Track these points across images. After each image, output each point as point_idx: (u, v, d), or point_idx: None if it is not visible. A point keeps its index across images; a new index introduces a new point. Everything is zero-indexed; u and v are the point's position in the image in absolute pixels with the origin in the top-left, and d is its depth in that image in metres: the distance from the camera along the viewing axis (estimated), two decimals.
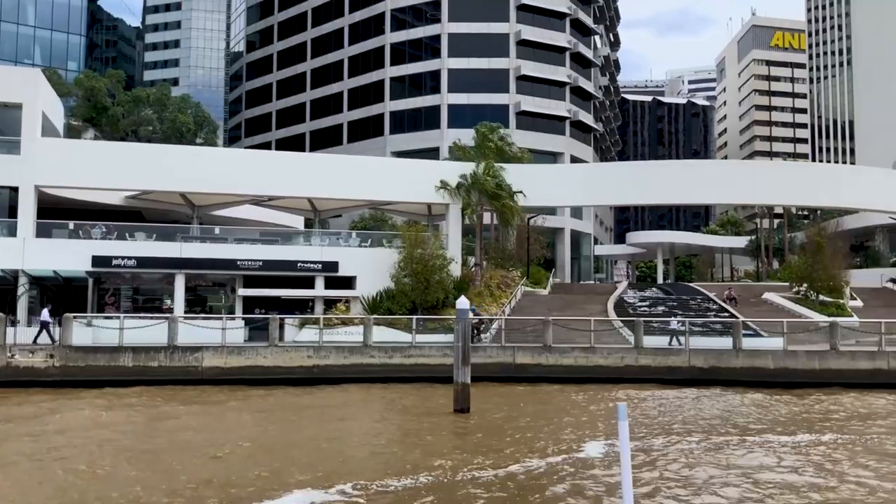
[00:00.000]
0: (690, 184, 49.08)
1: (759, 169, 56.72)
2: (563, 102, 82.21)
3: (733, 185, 49.50)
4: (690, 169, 54.51)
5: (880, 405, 28.23)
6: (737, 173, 52.69)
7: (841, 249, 49.01)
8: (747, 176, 51.49)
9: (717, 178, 51.05)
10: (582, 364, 36.09)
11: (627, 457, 7.10)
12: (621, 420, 7.10)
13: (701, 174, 52.00)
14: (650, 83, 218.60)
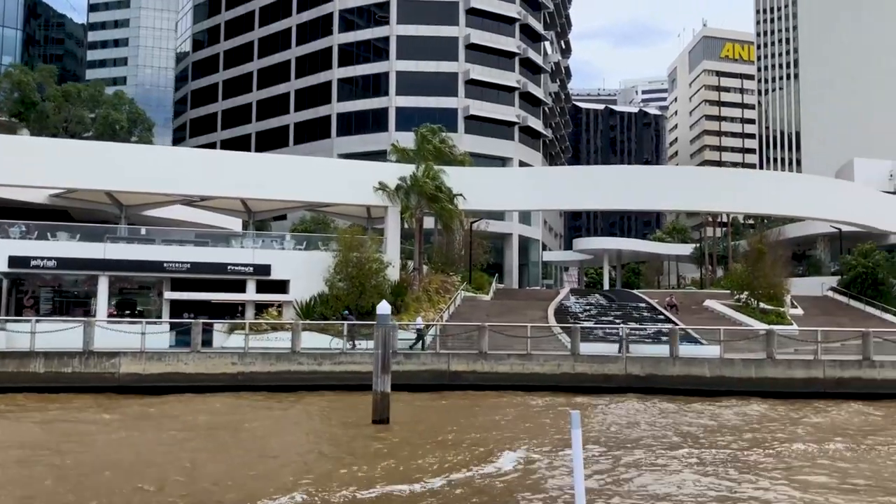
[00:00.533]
0: (636, 189, 48.48)
1: (705, 175, 56.61)
2: (513, 108, 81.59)
3: (680, 192, 49.17)
4: (636, 174, 54.20)
5: (754, 415, 27.74)
6: (683, 179, 52.54)
7: (781, 257, 48.91)
8: (694, 182, 51.32)
9: (664, 184, 50.71)
10: (518, 371, 35.15)
11: (580, 465, 7.07)
12: (574, 428, 7.07)
13: (647, 180, 51.47)
14: (602, 92, 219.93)
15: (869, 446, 21.52)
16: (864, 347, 33.72)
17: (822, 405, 29.93)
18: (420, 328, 37.33)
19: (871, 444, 21.97)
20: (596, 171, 61.35)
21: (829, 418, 27.22)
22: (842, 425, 25.52)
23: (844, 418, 27.06)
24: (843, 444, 21.59)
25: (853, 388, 32.97)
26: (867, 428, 24.94)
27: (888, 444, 21.80)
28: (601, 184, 49.49)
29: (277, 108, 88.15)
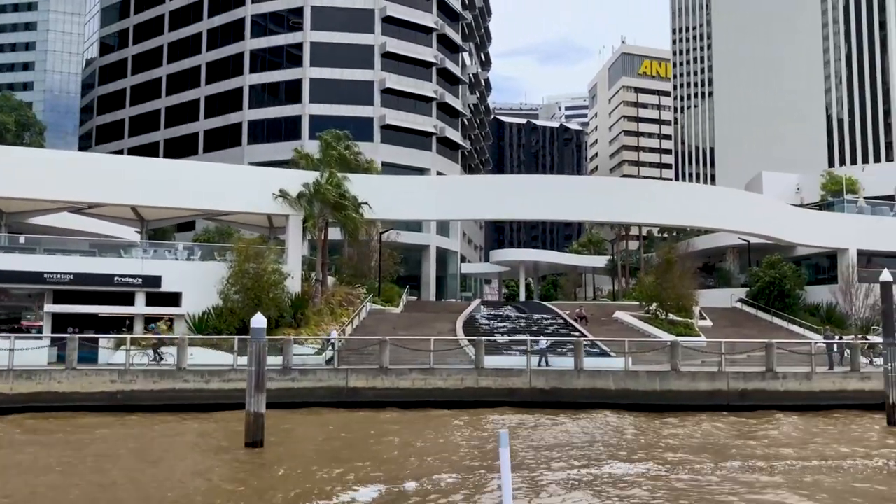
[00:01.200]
0: (548, 199, 47.57)
1: (617, 186, 56.11)
2: (430, 118, 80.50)
3: (592, 202, 48.62)
4: (548, 184, 53.30)
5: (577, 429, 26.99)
6: (595, 190, 51.98)
7: (690, 269, 48.84)
8: (606, 193, 50.78)
9: (576, 194, 50.08)
10: (420, 387, 33.68)
11: (509, 485, 6.92)
12: (503, 447, 6.91)
13: (559, 190, 50.50)
14: (525, 106, 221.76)
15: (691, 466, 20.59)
16: (768, 359, 33.37)
17: (704, 417, 29.27)
18: (333, 341, 35.44)
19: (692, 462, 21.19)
20: (507, 180, 60.27)
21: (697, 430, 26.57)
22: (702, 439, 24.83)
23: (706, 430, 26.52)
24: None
25: (757, 399, 32.54)
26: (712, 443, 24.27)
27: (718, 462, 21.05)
28: (513, 193, 48.50)
29: (187, 114, 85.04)
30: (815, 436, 25.19)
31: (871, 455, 21.27)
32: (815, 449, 22.53)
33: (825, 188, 59.23)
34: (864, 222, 54.66)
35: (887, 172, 63.71)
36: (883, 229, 54.70)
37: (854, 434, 25.48)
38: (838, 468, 19.64)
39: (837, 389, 33.18)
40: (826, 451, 22.04)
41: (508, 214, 51.38)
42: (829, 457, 21.05)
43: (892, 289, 28.17)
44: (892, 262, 55.68)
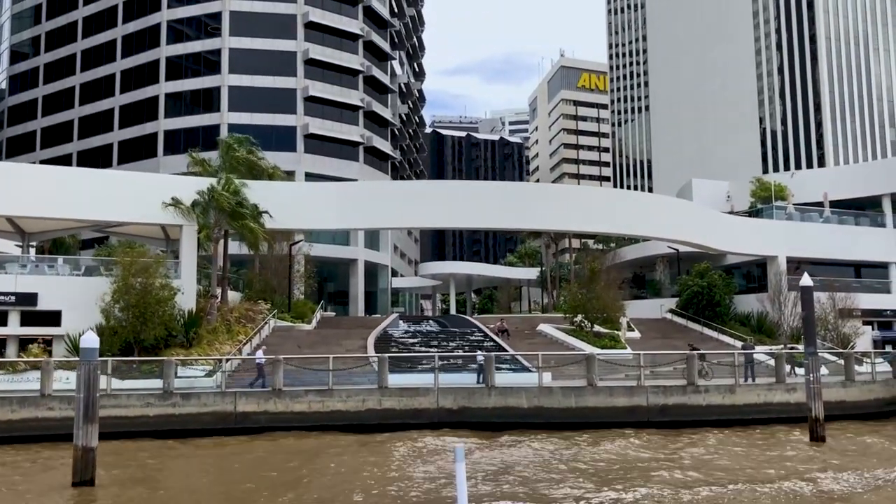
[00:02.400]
0: (467, 206, 45.18)
1: (541, 193, 52.85)
2: (357, 127, 77.78)
3: (515, 209, 46.15)
4: (467, 190, 50.13)
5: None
6: (517, 196, 49.14)
7: (616, 279, 46.99)
8: (529, 199, 48.03)
9: (496, 201, 47.44)
10: (317, 410, 30.86)
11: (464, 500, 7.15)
12: (458, 462, 7.33)
13: (479, 197, 47.88)
14: (465, 119, 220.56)
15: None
16: (689, 372, 31.40)
17: (617, 436, 27.08)
18: (261, 362, 32.20)
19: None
20: (424, 186, 57.28)
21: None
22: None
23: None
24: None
25: (678, 415, 30.52)
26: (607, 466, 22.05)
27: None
28: (430, 200, 45.92)
29: (101, 125, 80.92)
30: (728, 455, 23.08)
31: (788, 476, 19.17)
32: (726, 470, 20.40)
33: (755, 195, 58.13)
34: (793, 229, 53.54)
35: (816, 179, 62.87)
36: (812, 236, 53.70)
37: (771, 454, 23.44)
38: (745, 494, 17.48)
39: (763, 402, 31.37)
40: (738, 473, 19.91)
41: (425, 222, 48.67)
42: (740, 479, 18.90)
43: (812, 294, 26.39)
44: (821, 270, 54.97)
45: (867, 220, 57.82)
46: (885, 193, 57.04)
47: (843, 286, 51.44)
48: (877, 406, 33.82)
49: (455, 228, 67.32)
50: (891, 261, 56.92)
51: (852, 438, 26.17)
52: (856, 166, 79.95)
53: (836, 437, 26.80)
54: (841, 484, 18.31)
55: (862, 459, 20.86)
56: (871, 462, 20.51)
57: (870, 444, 23.83)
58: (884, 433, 27.77)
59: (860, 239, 55.82)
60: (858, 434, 27.54)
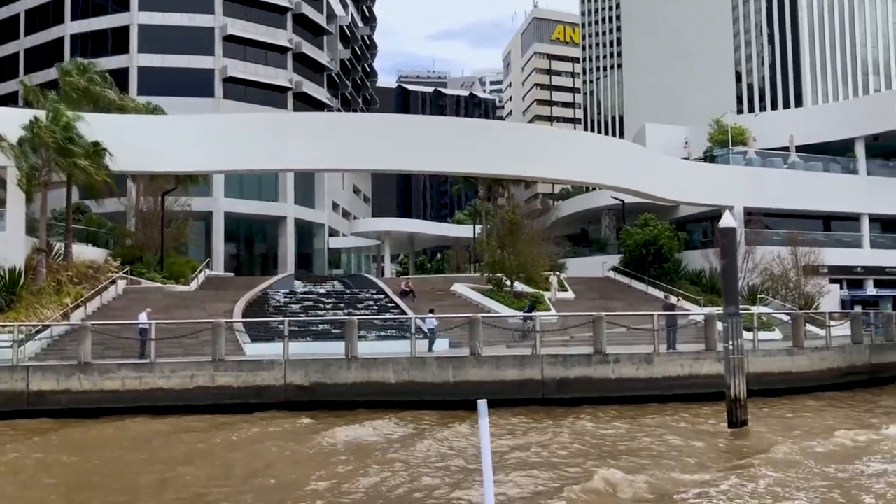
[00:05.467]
0: (387, 146, 38.53)
1: (471, 129, 45.42)
2: (285, 71, 71.21)
3: (440, 150, 39.45)
4: (389, 126, 42.55)
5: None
6: (445, 135, 42.15)
7: (541, 231, 41.11)
8: (459, 138, 41.18)
9: (424, 140, 40.28)
10: (134, 388, 25.00)
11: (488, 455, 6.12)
12: (482, 417, 6.29)
13: (403, 135, 40.75)
14: (433, 74, 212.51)
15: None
16: (596, 338, 25.63)
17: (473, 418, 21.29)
18: (146, 327, 26.28)
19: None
20: (334, 120, 48.15)
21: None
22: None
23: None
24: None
25: (580, 390, 24.82)
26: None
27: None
28: (342, 138, 39.17)
29: (5, 70, 74.00)
30: (589, 445, 17.25)
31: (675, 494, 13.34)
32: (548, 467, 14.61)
33: (713, 139, 52.15)
34: (751, 176, 47.78)
35: (783, 121, 56.98)
36: (774, 184, 48.00)
37: (673, 443, 17.66)
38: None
39: (687, 375, 25.64)
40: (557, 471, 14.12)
41: (332, 164, 41.79)
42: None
43: (734, 238, 20.60)
44: (785, 222, 49.33)
45: (838, 166, 52.09)
46: (858, 136, 51.27)
47: (808, 240, 45.88)
48: (830, 377, 28.25)
49: (358, 170, 59.45)
50: (863, 212, 51.30)
51: (779, 423, 20.47)
52: (827, 106, 73.68)
53: (766, 420, 21.20)
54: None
55: (777, 463, 15.13)
56: (786, 470, 14.74)
57: (797, 437, 17.97)
58: (824, 416, 22.10)
59: (829, 187, 50.12)
60: (790, 418, 21.90)
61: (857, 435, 17.82)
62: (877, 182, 51.99)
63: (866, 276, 50.48)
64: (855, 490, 12.76)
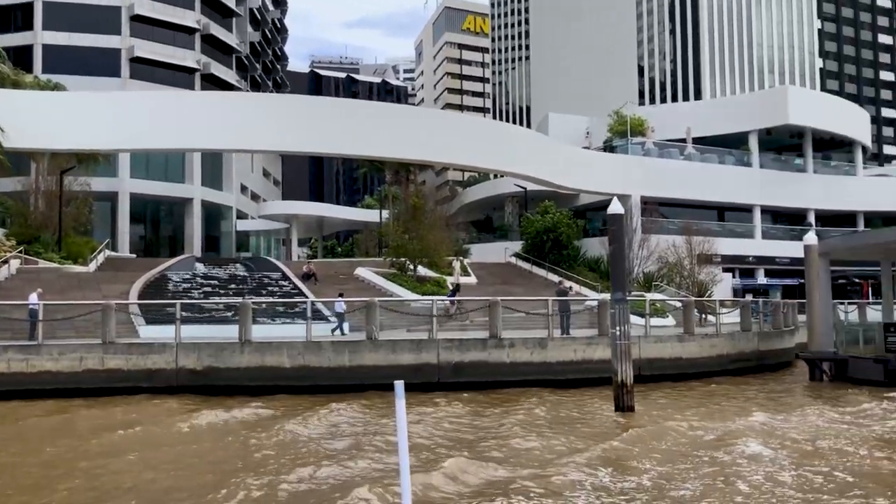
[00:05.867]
0: (286, 125, 37.32)
1: (376, 112, 44.06)
2: (193, 52, 68.58)
3: (342, 132, 38.47)
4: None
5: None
6: (352, 116, 40.93)
7: (443, 216, 40.73)
8: (365, 120, 40.06)
9: (327, 122, 39.12)
10: (19, 371, 23.41)
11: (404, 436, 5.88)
12: (399, 399, 5.89)
13: (307, 115, 39.54)
14: (346, 60, 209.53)
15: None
16: (492, 322, 25.33)
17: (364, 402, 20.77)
18: (35, 308, 24.28)
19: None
20: (238, 100, 46.48)
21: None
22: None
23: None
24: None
25: (477, 375, 24.48)
26: None
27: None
28: (249, 118, 37.88)
29: None
30: (466, 431, 16.84)
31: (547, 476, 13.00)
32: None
33: (613, 130, 52.79)
34: (649, 166, 48.50)
35: (680, 113, 58.14)
36: (670, 174, 48.86)
37: (551, 428, 17.41)
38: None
39: (580, 360, 25.60)
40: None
41: (239, 144, 40.33)
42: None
43: (622, 224, 20.53)
44: (681, 212, 50.30)
45: (732, 158, 53.45)
46: (752, 130, 52.69)
47: (702, 230, 46.89)
48: (720, 364, 28.74)
49: (265, 151, 57.02)
50: (755, 203, 52.84)
51: (666, 409, 20.54)
52: (723, 100, 75.53)
53: (653, 405, 21.26)
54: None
55: (659, 450, 15.04)
56: (667, 456, 14.64)
57: (672, 426, 17.83)
58: (711, 402, 22.35)
59: (724, 179, 51.40)
60: (677, 403, 22.04)
61: (740, 420, 17.96)
62: (768, 175, 53.61)
63: (757, 266, 52.05)
64: (734, 477, 12.66)
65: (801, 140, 55.73)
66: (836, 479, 12.61)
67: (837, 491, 11.82)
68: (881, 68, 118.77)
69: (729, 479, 12.53)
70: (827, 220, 55.95)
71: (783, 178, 53.83)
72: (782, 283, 51.09)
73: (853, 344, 28.35)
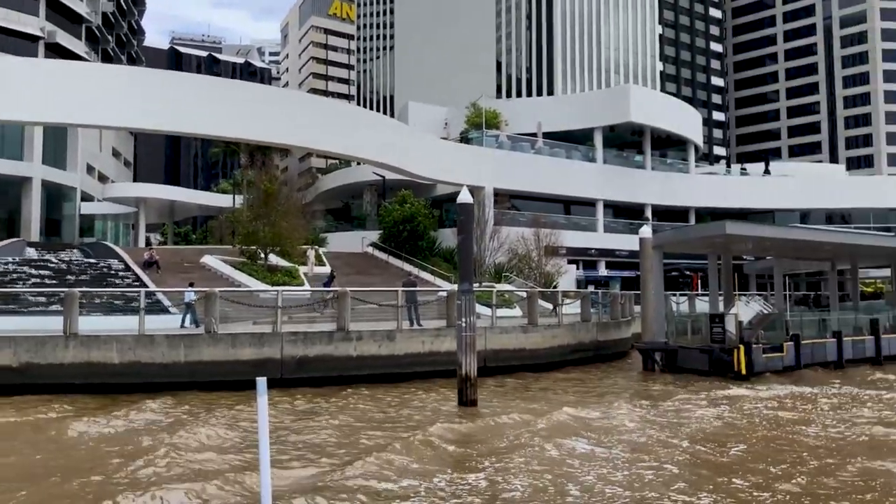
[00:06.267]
0: (159, 103, 34.41)
1: (218, 89, 41.57)
2: (37, 18, 63.12)
3: (176, 109, 36.00)
4: (161, 86, 37.22)
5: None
6: (191, 92, 38.41)
7: (298, 202, 39.25)
8: (206, 98, 37.82)
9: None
10: None
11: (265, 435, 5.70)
12: (260, 396, 5.69)
13: (174, 94, 36.46)
14: (208, 38, 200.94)
15: None
16: (340, 314, 24.34)
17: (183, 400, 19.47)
18: None
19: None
20: (89, 70, 43.07)
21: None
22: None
23: None
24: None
25: (323, 369, 23.41)
26: None
27: None
28: (98, 90, 34.69)
29: None
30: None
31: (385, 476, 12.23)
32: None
33: (469, 122, 52.80)
34: (501, 158, 48.74)
35: (533, 107, 58.92)
36: (521, 167, 49.28)
37: (400, 416, 16.74)
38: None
39: (428, 352, 25.04)
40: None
41: (79, 119, 36.84)
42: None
43: (471, 214, 20.05)
44: (531, 205, 50.93)
45: (579, 154, 54.65)
46: (597, 127, 53.99)
47: (550, 222, 47.65)
48: (560, 354, 29.00)
49: (110, 127, 51.91)
50: (599, 198, 54.27)
51: (507, 402, 20.28)
52: (573, 96, 77.41)
53: (496, 397, 21.00)
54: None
55: (496, 449, 14.65)
56: (505, 454, 14.28)
57: (512, 420, 17.55)
58: (548, 394, 22.34)
59: (570, 173, 52.44)
60: (518, 396, 21.89)
61: (574, 412, 17.86)
62: (611, 171, 55.14)
63: (599, 258, 53.49)
64: (564, 479, 12.34)
65: (641, 138, 57.70)
66: (664, 471, 12.56)
67: (664, 485, 11.71)
68: (713, 74, 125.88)
69: (559, 478, 12.20)
70: (663, 214, 58.30)
71: (624, 174, 55.53)
72: (622, 275, 52.79)
73: (682, 334, 29.34)
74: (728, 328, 26.71)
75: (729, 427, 16.69)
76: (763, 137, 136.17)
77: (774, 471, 12.71)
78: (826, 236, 34.08)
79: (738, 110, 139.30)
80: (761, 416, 18.10)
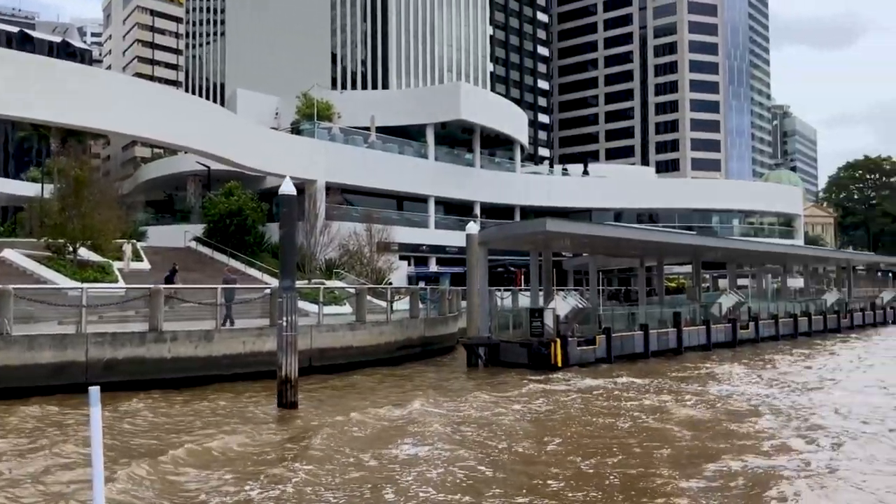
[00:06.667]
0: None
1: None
2: None
3: (23, 91, 32.28)
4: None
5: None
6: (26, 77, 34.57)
7: (111, 193, 36.58)
8: (45, 82, 34.05)
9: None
10: None
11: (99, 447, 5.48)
12: (93, 406, 5.54)
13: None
14: (19, 13, 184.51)
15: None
16: (153, 313, 22.72)
17: None
18: None
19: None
20: None
21: None
22: None
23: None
24: None
25: (132, 373, 21.73)
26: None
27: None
28: None
29: None
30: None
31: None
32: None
33: (301, 112, 51.42)
34: (333, 151, 47.88)
35: (367, 101, 58.38)
36: (354, 161, 48.67)
37: (216, 421, 15.74)
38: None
39: (249, 352, 23.94)
40: None
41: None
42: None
43: (294, 206, 19.25)
44: (364, 200, 50.39)
45: (412, 150, 54.74)
46: (429, 123, 54.29)
47: (382, 218, 47.35)
48: (388, 351, 28.72)
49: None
50: (430, 194, 54.63)
51: (329, 404, 19.70)
52: (406, 91, 77.53)
53: (318, 399, 20.37)
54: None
55: (312, 456, 14.06)
56: (321, 463, 13.72)
57: (332, 422, 16.98)
58: (374, 393, 21.97)
59: (403, 169, 52.39)
60: (341, 397, 21.37)
61: (398, 411, 17.58)
62: (443, 168, 55.66)
63: (430, 254, 53.85)
64: (382, 483, 11.95)
65: (471, 136, 58.63)
66: (479, 473, 12.46)
67: (475, 491, 11.58)
68: (539, 77, 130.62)
69: (379, 482, 11.81)
70: (491, 212, 59.63)
71: (455, 172, 56.23)
72: (452, 271, 53.47)
73: (505, 329, 29.93)
74: (546, 322, 27.49)
75: (537, 424, 16.95)
76: (583, 140, 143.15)
77: (584, 466, 12.96)
78: (636, 234, 36.01)
79: (561, 113, 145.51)
80: (575, 408, 18.64)
